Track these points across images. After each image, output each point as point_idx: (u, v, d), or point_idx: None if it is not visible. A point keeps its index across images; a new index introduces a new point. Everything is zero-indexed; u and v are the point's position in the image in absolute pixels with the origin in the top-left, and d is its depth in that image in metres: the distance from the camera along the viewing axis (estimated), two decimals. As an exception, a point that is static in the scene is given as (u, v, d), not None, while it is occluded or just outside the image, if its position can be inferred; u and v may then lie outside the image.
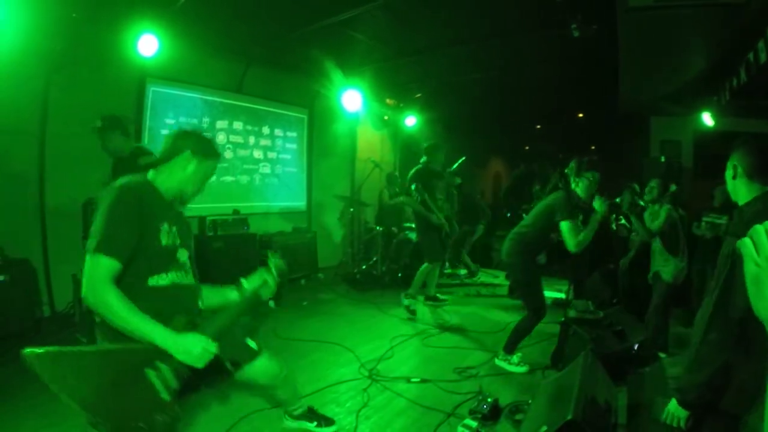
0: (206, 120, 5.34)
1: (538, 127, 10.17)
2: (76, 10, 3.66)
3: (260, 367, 1.93)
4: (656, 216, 3.54)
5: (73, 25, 3.70)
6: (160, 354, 1.40)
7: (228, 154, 5.61)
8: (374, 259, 6.06)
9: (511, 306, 5.04)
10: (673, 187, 4.47)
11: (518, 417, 2.50)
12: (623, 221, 5.51)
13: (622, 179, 6.37)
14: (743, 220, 1.58)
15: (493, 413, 2.49)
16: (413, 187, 4.38)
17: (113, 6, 3.85)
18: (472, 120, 9.06)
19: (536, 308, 3.16)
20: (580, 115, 8.88)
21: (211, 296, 1.80)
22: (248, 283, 1.82)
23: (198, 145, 1.68)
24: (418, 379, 3.02)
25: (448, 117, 8.37)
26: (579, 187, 3.06)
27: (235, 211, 5.37)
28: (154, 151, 2.59)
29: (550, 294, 5.04)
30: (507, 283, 6.28)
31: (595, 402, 2.00)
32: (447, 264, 6.39)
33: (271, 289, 1.83)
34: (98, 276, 1.37)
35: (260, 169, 6.07)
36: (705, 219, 4.33)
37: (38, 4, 3.46)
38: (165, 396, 1.41)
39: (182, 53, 4.67)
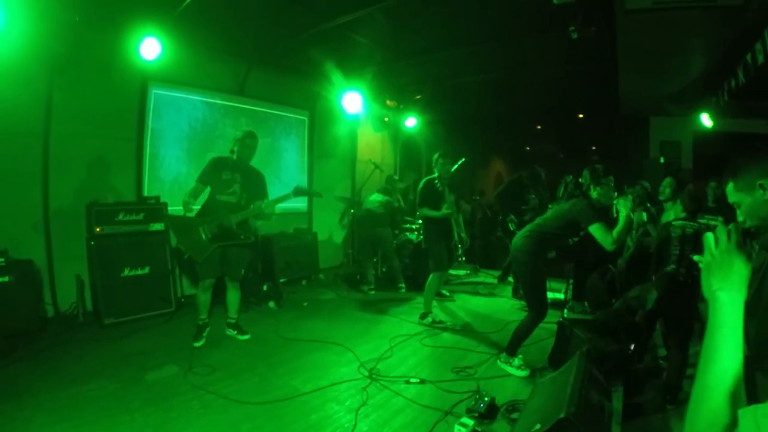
0: (208, 122, 5.38)
1: (539, 127, 10.22)
2: (79, 14, 3.70)
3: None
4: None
5: (76, 28, 3.74)
6: (202, 222, 3.43)
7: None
8: (374, 260, 6.09)
9: (510, 306, 5.07)
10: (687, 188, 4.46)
11: (514, 416, 2.53)
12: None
13: (623, 180, 6.38)
14: None
15: (490, 412, 2.52)
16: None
17: (116, 10, 3.90)
18: (473, 121, 9.09)
19: (539, 308, 3.19)
20: (581, 115, 8.91)
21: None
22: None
23: (235, 146, 3.58)
24: (417, 379, 3.05)
25: (448, 118, 8.40)
26: (600, 194, 3.17)
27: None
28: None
29: (548, 294, 5.06)
30: (510, 282, 6.31)
31: (589, 401, 2.03)
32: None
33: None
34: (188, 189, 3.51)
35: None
36: (700, 221, 4.26)
37: (41, 8, 3.50)
38: (204, 238, 3.40)
39: (184, 56, 4.71)
